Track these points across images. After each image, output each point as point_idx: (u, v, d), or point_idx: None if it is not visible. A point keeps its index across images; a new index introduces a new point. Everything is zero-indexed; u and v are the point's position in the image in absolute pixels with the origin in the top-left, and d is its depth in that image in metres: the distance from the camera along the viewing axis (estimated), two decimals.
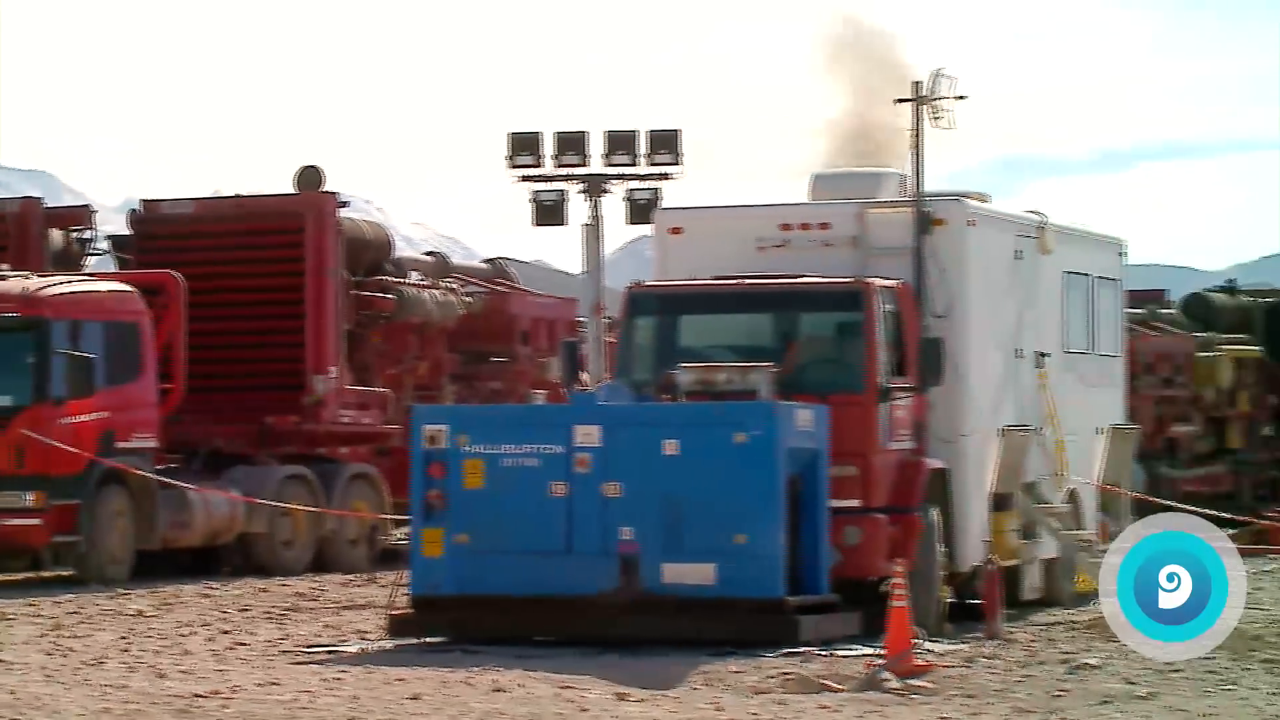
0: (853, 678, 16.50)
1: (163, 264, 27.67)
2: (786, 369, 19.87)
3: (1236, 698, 15.75)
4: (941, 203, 21.36)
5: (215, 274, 28.28)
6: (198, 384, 27.18)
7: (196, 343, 27.30)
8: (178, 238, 29.11)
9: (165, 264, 27.62)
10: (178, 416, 27.07)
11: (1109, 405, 25.34)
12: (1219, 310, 40.37)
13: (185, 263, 27.72)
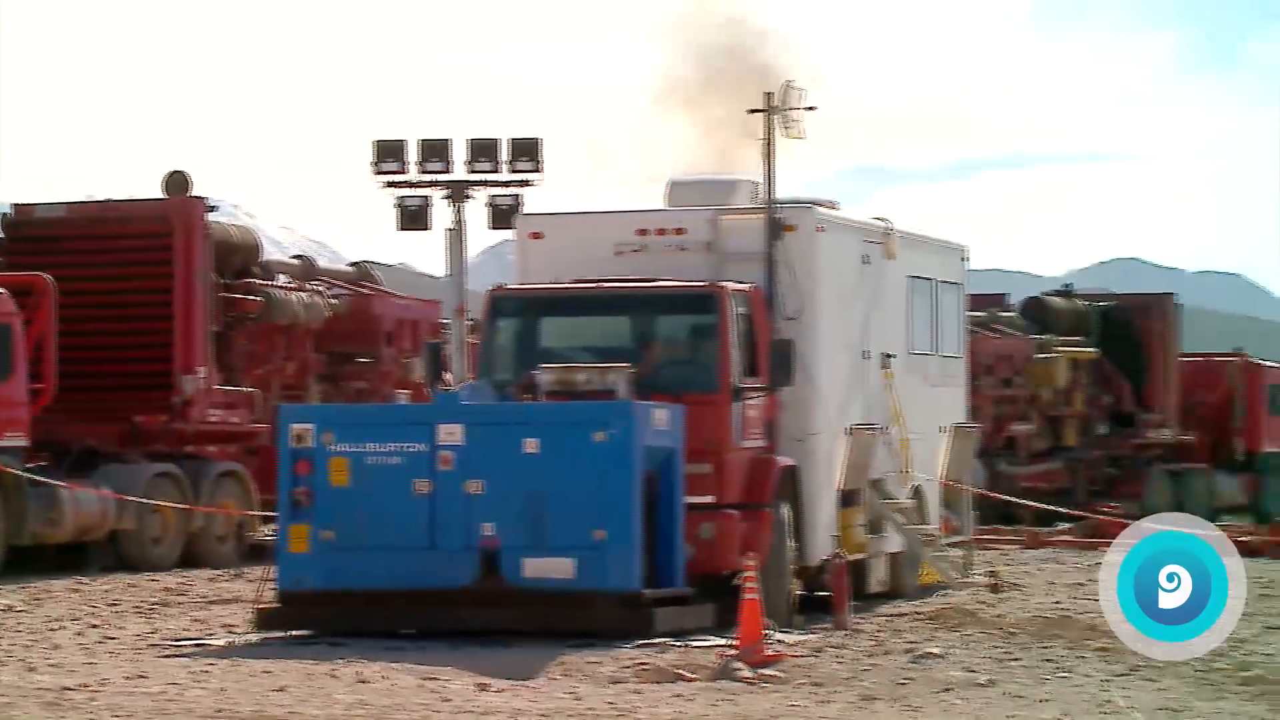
0: (706, 668, 16.54)
1: (34, 266, 27.33)
2: (644, 370, 19.90)
3: (1071, 685, 15.92)
4: (792, 210, 21.47)
5: (86, 276, 27.97)
6: (69, 384, 26.86)
7: (67, 344, 26.98)
8: (49, 241, 28.78)
9: (37, 266, 27.28)
10: (48, 415, 26.74)
11: (951, 405, 25.55)
12: (1056, 313, 40.79)
13: (57, 265, 27.39)
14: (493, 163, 35.42)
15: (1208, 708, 14.67)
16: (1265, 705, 14.80)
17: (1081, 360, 39.57)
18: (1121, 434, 40.47)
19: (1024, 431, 38.42)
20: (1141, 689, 15.63)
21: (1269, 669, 16.73)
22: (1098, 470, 40.30)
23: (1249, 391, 42.73)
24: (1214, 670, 16.65)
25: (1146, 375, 40.74)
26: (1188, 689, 15.66)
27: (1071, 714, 14.32)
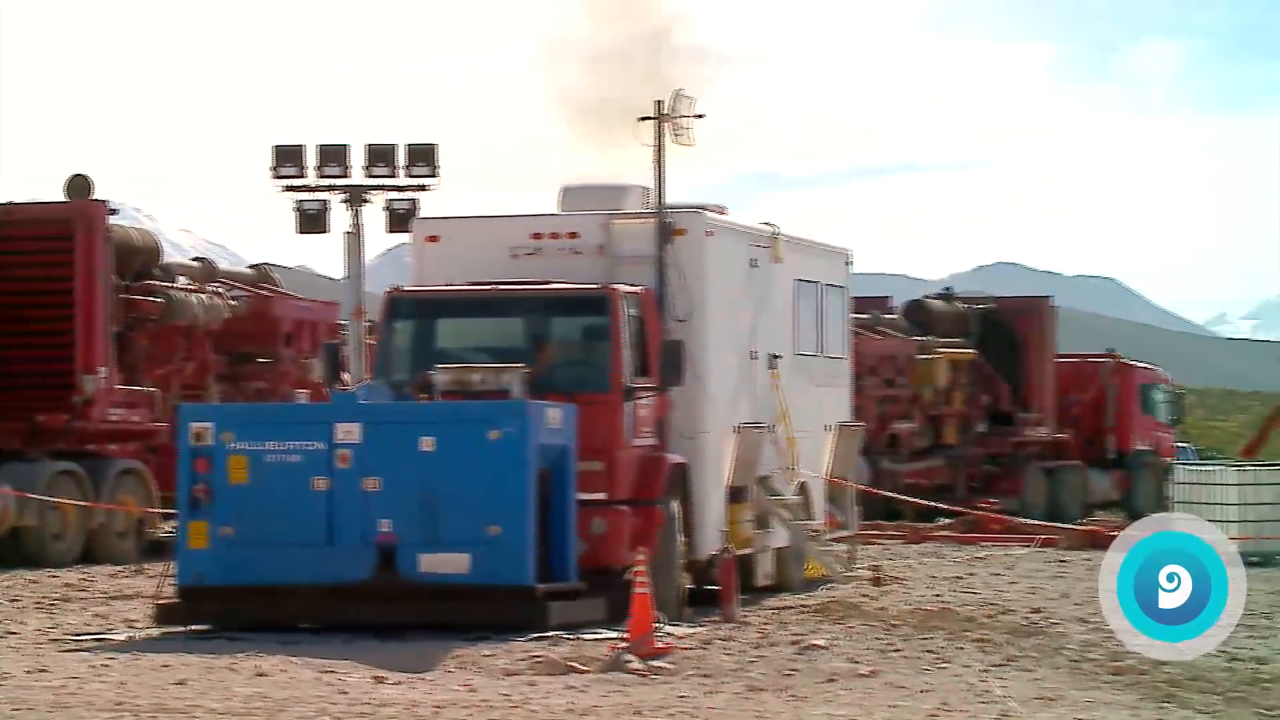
0: (598, 660, 16.55)
1: None
2: (537, 370, 19.89)
3: (950, 675, 16.02)
4: (682, 214, 21.51)
5: None
6: None
7: None
8: None
9: None
10: None
11: (836, 404, 25.68)
12: (937, 316, 41.03)
13: None
14: (390, 168, 35.32)
15: (1081, 697, 14.81)
16: (1136, 694, 14.95)
17: (961, 361, 39.82)
18: (999, 432, 40.74)
19: (906, 430, 38.63)
20: (1018, 679, 15.75)
21: (1139, 659, 16.89)
22: (977, 467, 40.56)
23: (1121, 391, 43.11)
24: (1087, 660, 16.83)
25: (1023, 376, 41.04)
26: (1062, 678, 15.80)
27: (950, 703, 14.41)
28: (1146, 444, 43.24)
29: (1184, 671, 16.03)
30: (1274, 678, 15.73)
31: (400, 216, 34.72)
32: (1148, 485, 41.89)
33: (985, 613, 20.67)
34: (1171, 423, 44.83)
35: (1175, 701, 14.54)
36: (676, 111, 21.55)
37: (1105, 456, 42.68)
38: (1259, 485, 28.59)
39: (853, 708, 14.25)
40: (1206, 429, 76.55)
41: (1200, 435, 67.69)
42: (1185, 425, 50.93)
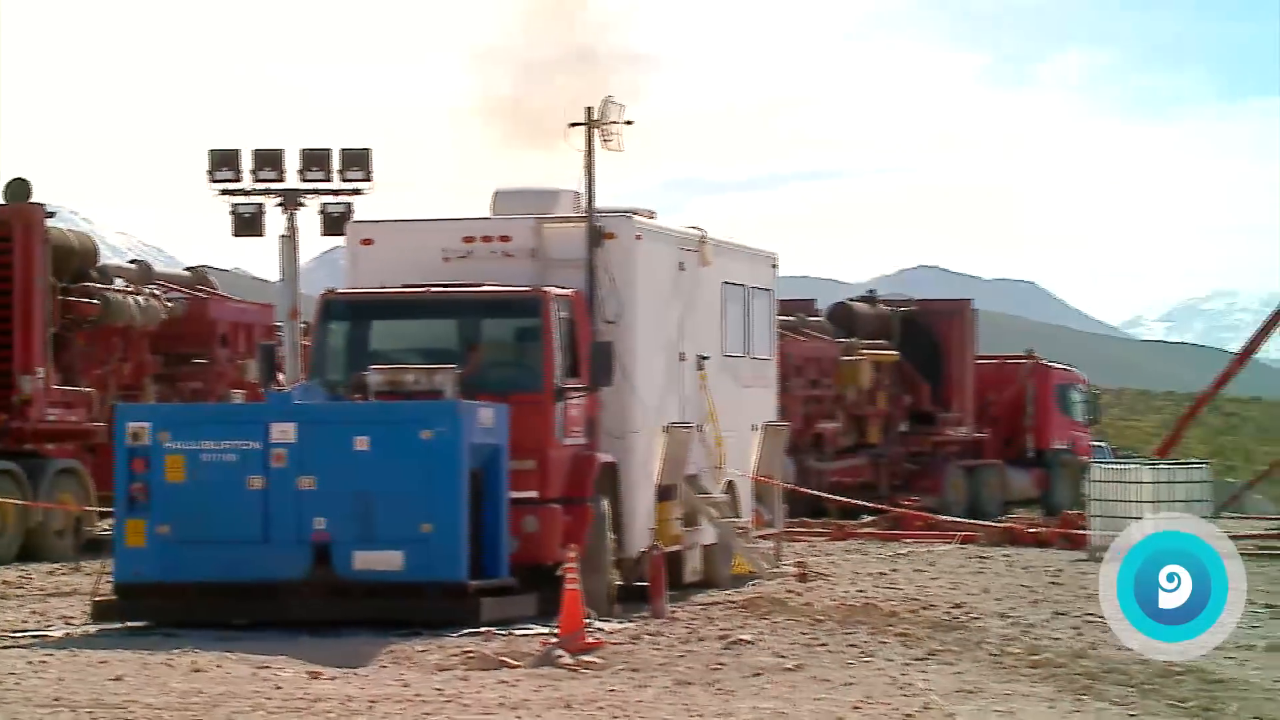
0: (529, 655, 16.55)
1: None
2: (470, 371, 19.87)
3: (874, 668, 16.08)
4: (612, 219, 21.52)
5: None
6: None
7: None
8: None
9: None
10: None
11: (763, 404, 25.73)
12: (861, 318, 41.16)
13: None
14: (324, 172, 35.23)
15: (1001, 689, 14.88)
16: (1054, 686, 15.04)
17: (884, 362, 39.95)
18: (921, 431, 40.89)
19: (831, 429, 38.73)
20: (940, 672, 15.82)
21: (1056, 652, 17.01)
22: (899, 466, 40.70)
23: (1039, 392, 43.31)
24: (1006, 654, 16.91)
25: (944, 376, 41.20)
26: (983, 671, 15.88)
27: (874, 696, 14.46)
28: (1064, 443, 43.47)
29: (1100, 664, 16.15)
30: (1186, 670, 15.82)
31: (335, 220, 34.65)
32: (1065, 483, 42.12)
33: (908, 608, 20.74)
34: (1088, 422, 45.09)
35: (1091, 693, 14.64)
36: (606, 118, 21.56)
37: (1024, 455, 42.88)
38: (1172, 483, 28.78)
39: (779, 701, 14.29)
40: (1122, 428, 77.05)
41: (1116, 434, 68.13)
42: (1101, 424, 51.26)
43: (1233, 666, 16.22)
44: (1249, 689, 14.82)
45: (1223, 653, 17.15)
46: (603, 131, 21.55)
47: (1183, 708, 13.96)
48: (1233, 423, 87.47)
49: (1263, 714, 13.53)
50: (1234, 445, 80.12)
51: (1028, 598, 22.31)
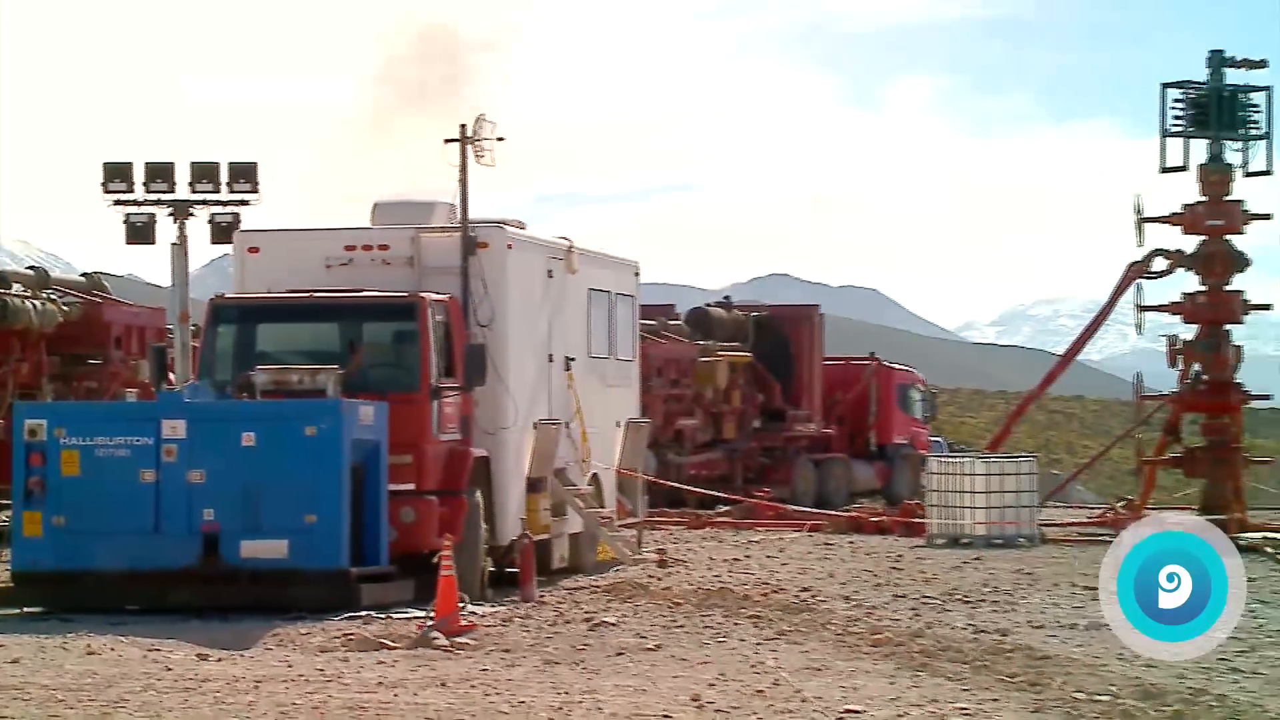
0: (407, 637, 16.49)
1: None
2: (351, 371, 19.79)
3: (728, 648, 16.14)
4: (485, 229, 21.49)
5: None
6: None
7: None
8: None
9: None
10: None
11: (626, 402, 25.77)
12: (717, 322, 41.24)
13: None
14: (213, 184, 34.81)
15: (845, 666, 14.99)
16: (893, 664, 15.16)
17: (739, 363, 40.06)
18: (773, 428, 41.00)
19: (689, 426, 38.77)
20: (789, 651, 15.91)
21: (896, 632, 17.15)
22: (752, 459, 40.78)
23: (881, 391, 43.55)
24: (850, 634, 17.03)
25: (794, 377, 41.34)
26: (828, 650, 15.98)
27: (727, 674, 14.52)
28: (904, 438, 43.75)
29: (936, 643, 16.30)
30: (1015, 647, 16.03)
31: (223, 229, 34.24)
32: (905, 475, 42.40)
33: (759, 591, 20.84)
34: (926, 419, 45.42)
35: (928, 670, 14.77)
36: (479, 135, 21.54)
37: (867, 449, 43.11)
38: (1003, 475, 29.07)
39: (640, 679, 14.32)
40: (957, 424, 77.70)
41: (951, 430, 68.72)
42: (938, 421, 51.69)
43: (1057, 644, 16.43)
44: (1072, 665, 15.01)
45: (1046, 631, 17.41)
46: (476, 148, 21.53)
47: (1012, 682, 14.11)
48: (1057, 419, 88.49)
49: (1084, 687, 13.72)
50: (1059, 440, 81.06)
51: (870, 582, 22.48)
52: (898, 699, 13.29)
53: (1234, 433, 31.70)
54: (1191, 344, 31.56)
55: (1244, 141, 31.51)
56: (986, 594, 20.99)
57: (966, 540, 28.51)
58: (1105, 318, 33.46)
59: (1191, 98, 31.30)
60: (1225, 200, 31.42)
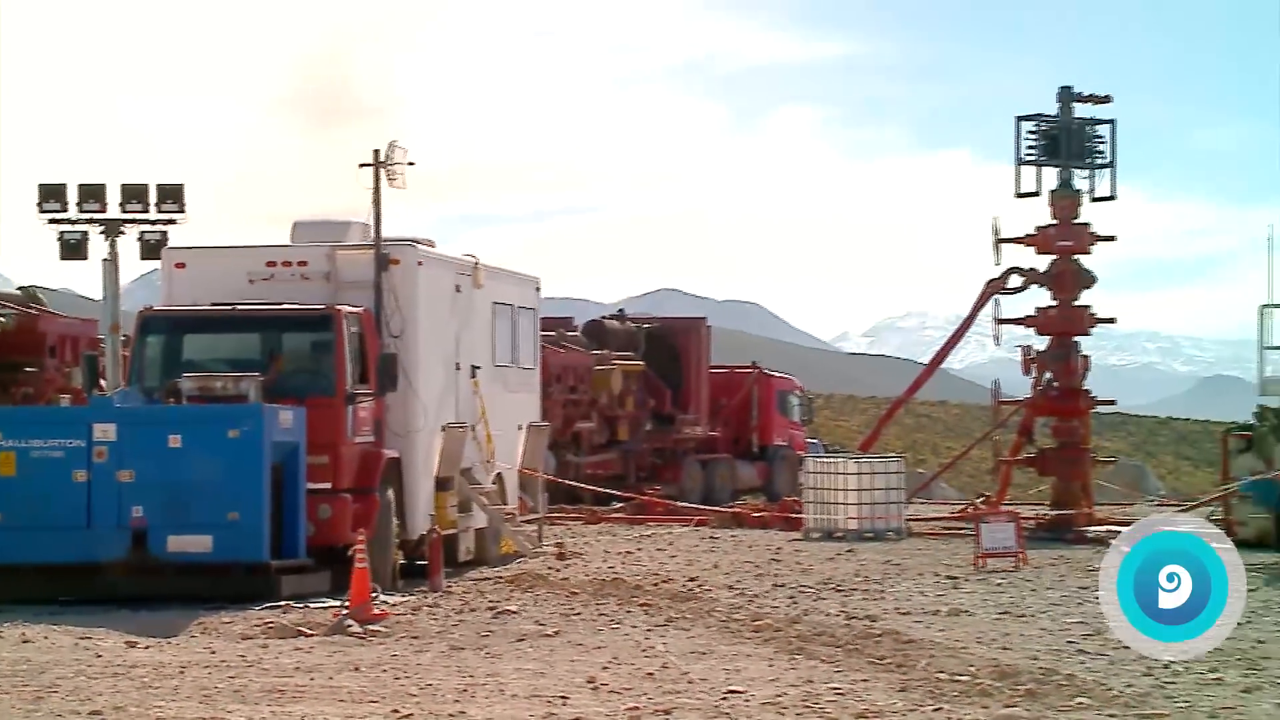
0: (323, 624, 16.38)
1: None
2: (271, 378, 19.66)
3: (621, 634, 16.14)
4: (397, 247, 21.41)
5: None
6: None
7: None
8: None
9: None
10: None
11: (528, 407, 25.72)
12: (612, 333, 41.24)
13: None
14: (143, 204, 34.42)
15: (729, 650, 15.01)
16: (773, 648, 15.20)
17: (632, 371, 40.07)
18: (663, 431, 41.02)
19: (586, 428, 38.74)
20: (677, 636, 15.92)
21: (775, 619, 17.20)
22: (644, 460, 40.77)
23: (762, 397, 43.66)
24: (733, 620, 17.06)
25: (683, 384, 41.38)
26: (713, 635, 16.00)
27: (620, 658, 14.52)
28: (783, 440, 43.88)
29: (811, 628, 16.36)
30: (884, 632, 16.11)
31: (152, 246, 33.81)
32: (784, 474, 42.52)
33: (650, 581, 20.85)
34: (804, 422, 45.59)
35: (804, 653, 14.82)
36: (392, 159, 21.45)
37: (750, 450, 43.20)
38: (873, 474, 29.23)
39: (539, 662, 14.28)
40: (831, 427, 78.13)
41: (827, 432, 69.09)
42: (814, 424, 51.91)
43: (921, 629, 16.53)
44: (935, 648, 15.11)
45: (912, 616, 17.52)
46: (388, 171, 21.44)
47: (880, 664, 14.18)
48: (923, 422, 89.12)
49: (946, 668, 13.80)
50: (925, 441, 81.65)
51: (752, 572, 22.54)
52: (776, 680, 13.32)
53: (1082, 435, 32.01)
54: (1043, 354, 31.86)
55: (1090, 170, 31.85)
56: (858, 583, 21.10)
57: (840, 534, 28.63)
58: (966, 329, 33.70)
59: (1043, 129, 31.61)
60: (1074, 223, 31.74)
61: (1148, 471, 58.18)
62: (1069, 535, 29.32)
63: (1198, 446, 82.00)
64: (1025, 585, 20.86)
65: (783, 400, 44.29)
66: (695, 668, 13.92)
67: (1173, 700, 12.44)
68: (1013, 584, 21.04)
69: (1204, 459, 74.40)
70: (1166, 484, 60.76)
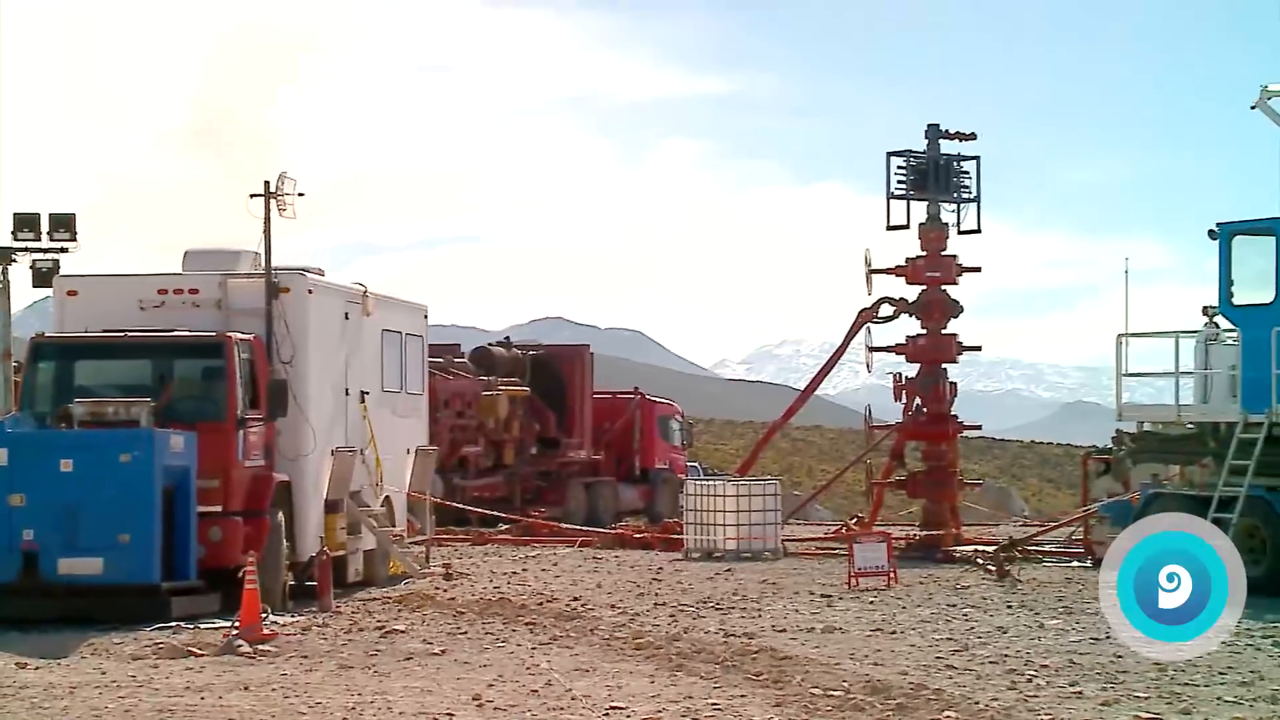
0: (213, 645, 16.20)
1: None
2: (163, 403, 19.45)
3: (507, 652, 16.09)
4: (287, 275, 21.27)
5: None
6: None
7: None
8: None
9: None
10: None
11: (416, 431, 25.60)
12: (498, 360, 41.17)
13: None
14: (34, 233, 33.98)
15: (611, 668, 15.01)
16: (653, 665, 15.22)
17: (518, 397, 40.02)
18: (548, 454, 40.97)
19: (473, 452, 38.62)
20: (561, 654, 15.89)
21: (656, 636, 17.22)
22: (530, 482, 40.70)
23: (644, 421, 43.75)
24: (615, 638, 17.05)
25: (567, 409, 41.38)
26: (596, 653, 15.99)
27: (505, 675, 14.47)
28: (664, 463, 43.98)
29: (691, 646, 16.40)
30: (761, 649, 16.18)
31: (44, 274, 33.34)
32: (666, 496, 42.62)
33: (535, 601, 20.81)
34: (684, 446, 45.72)
35: (684, 670, 14.85)
36: (282, 190, 21.33)
37: (632, 473, 43.27)
38: (751, 496, 29.34)
39: (426, 680, 14.21)
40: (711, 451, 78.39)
41: (706, 456, 69.32)
42: (694, 448, 52.07)
43: (797, 645, 16.62)
44: (810, 664, 15.19)
45: (788, 634, 17.61)
46: (279, 201, 21.31)
47: (757, 680, 14.24)
48: (799, 446, 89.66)
49: (820, 684, 13.89)
50: (800, 464, 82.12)
51: (634, 591, 22.55)
52: (657, 696, 13.34)
53: (950, 458, 32.36)
54: (913, 380, 32.19)
55: (957, 204, 32.26)
56: (736, 602, 21.17)
57: (719, 554, 28.72)
58: (840, 357, 33.98)
59: (912, 165, 31.98)
60: (942, 255, 32.13)
61: (1013, 493, 58.88)
62: (938, 555, 29.60)
63: (1060, 469, 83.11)
64: (896, 603, 21.04)
65: (664, 425, 44.41)
66: (579, 685, 13.90)
67: (1035, 714, 12.58)
68: (884, 602, 21.21)
69: (1066, 481, 75.41)
70: (1031, 505, 61.50)
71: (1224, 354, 24.35)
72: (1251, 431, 22.68)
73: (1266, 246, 23.21)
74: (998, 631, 17.91)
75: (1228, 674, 14.26)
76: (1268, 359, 22.51)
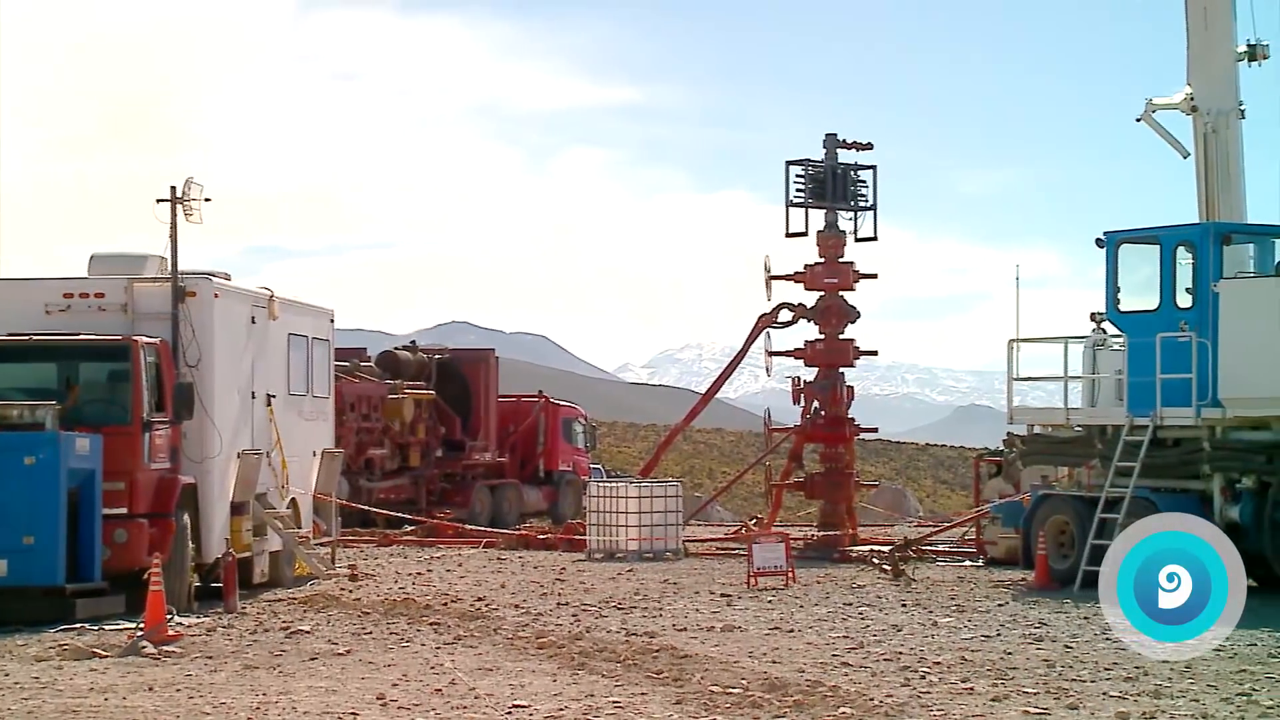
0: (118, 646, 16.00)
1: None
2: (68, 406, 19.21)
3: (411, 652, 16.00)
4: (193, 279, 21.07)
5: None
6: None
7: None
8: None
9: None
10: None
11: (322, 434, 25.44)
12: (404, 364, 41.00)
13: None
14: None
15: (514, 667, 14.98)
16: (556, 664, 15.21)
17: (424, 400, 39.87)
18: (453, 457, 40.85)
19: (379, 455, 38.43)
20: (465, 654, 15.84)
21: (559, 636, 17.21)
22: (435, 484, 40.58)
23: (548, 424, 43.73)
24: (519, 638, 17.02)
25: (473, 412, 41.28)
26: (499, 653, 15.95)
27: (410, 675, 14.40)
28: (568, 465, 43.97)
29: (593, 645, 16.40)
30: (661, 648, 16.20)
31: None
32: (569, 498, 42.63)
33: (440, 601, 20.73)
34: (587, 449, 45.74)
35: (586, 669, 14.84)
36: (189, 195, 21.13)
37: (536, 475, 43.23)
38: (653, 497, 29.41)
39: (331, 680, 14.11)
40: (614, 453, 78.40)
41: (609, 458, 69.33)
42: (597, 451, 52.08)
43: (697, 644, 16.65)
44: (710, 662, 15.23)
45: (688, 633, 17.65)
46: (185, 206, 21.11)
47: (658, 678, 14.26)
48: (700, 449, 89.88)
49: (720, 682, 13.92)
50: (701, 467, 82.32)
51: (537, 592, 22.53)
52: (559, 694, 13.32)
53: (847, 460, 32.57)
54: (811, 384, 32.37)
55: (854, 212, 32.48)
56: (638, 601, 21.20)
57: (621, 555, 28.75)
58: (740, 361, 34.12)
59: (810, 173, 32.16)
60: (839, 261, 32.34)
61: (908, 494, 59.32)
62: (835, 555, 29.78)
63: (954, 471, 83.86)
64: (794, 602, 21.14)
65: (568, 428, 44.39)
66: (482, 683, 13.86)
67: (928, 709, 12.68)
68: (782, 601, 21.31)
69: (959, 483, 76.11)
70: (926, 506, 62.01)
71: (1111, 359, 24.70)
72: (1137, 434, 23.00)
73: (1151, 255, 23.56)
74: (892, 629, 18.04)
75: (1113, 670, 14.43)
76: (1152, 364, 22.84)
